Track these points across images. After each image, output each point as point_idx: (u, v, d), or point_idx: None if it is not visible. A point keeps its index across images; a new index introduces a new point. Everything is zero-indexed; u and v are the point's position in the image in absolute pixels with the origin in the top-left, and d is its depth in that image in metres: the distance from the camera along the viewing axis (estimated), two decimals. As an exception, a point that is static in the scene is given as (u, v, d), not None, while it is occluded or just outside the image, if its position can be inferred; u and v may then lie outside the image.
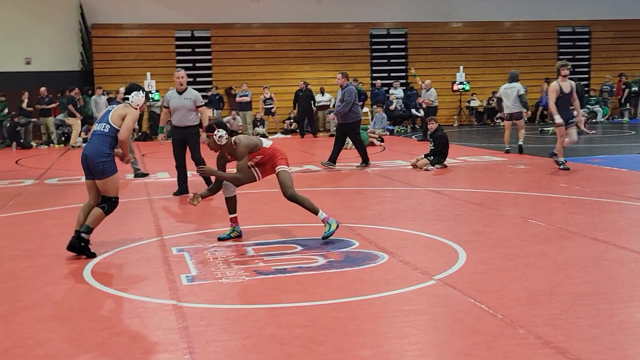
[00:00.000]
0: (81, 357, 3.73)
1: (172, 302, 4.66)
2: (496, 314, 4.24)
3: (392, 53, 24.75)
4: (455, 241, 6.23)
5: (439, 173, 11.41)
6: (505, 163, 12.34)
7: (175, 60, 22.69)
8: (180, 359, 3.68)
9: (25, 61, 22.01)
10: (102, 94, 19.35)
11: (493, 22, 25.23)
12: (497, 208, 7.95)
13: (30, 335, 4.10)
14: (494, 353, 3.67)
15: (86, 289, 5.07)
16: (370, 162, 12.36)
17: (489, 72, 24.83)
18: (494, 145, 15.61)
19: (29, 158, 16.14)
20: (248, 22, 23.49)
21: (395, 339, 3.93)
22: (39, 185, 11.15)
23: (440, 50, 24.69)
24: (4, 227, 7.65)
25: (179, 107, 9.41)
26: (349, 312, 4.40)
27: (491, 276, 5.16)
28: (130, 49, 22.58)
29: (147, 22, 22.73)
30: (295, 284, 5.06)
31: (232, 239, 6.54)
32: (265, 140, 6.69)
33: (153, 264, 5.76)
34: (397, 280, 5.08)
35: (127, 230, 7.21)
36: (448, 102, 24.04)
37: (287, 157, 6.65)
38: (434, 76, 22.80)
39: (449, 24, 25.12)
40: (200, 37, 23.19)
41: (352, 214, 7.79)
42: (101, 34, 22.41)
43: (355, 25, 24.31)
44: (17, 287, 5.16)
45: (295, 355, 3.70)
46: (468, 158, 13.25)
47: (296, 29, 23.79)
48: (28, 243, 6.73)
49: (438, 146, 12.00)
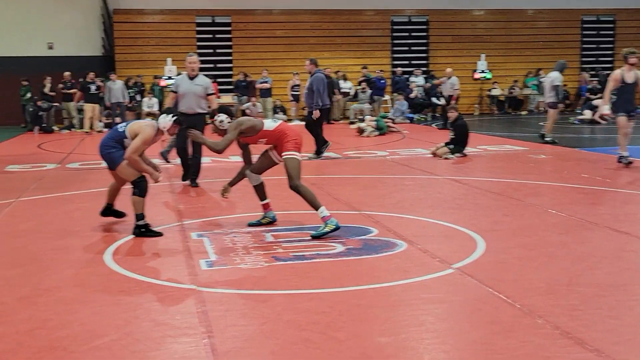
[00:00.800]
0: (102, 340, 3.78)
1: (192, 286, 4.70)
2: (514, 304, 4.23)
3: (413, 40, 24.61)
4: (474, 230, 6.21)
5: (459, 162, 11.36)
6: (526, 152, 12.25)
7: (195, 46, 22.72)
8: (199, 342, 3.72)
9: (48, 46, 22.20)
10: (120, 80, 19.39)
11: (516, 10, 24.96)
12: (518, 198, 7.91)
13: (53, 317, 4.16)
14: (512, 342, 3.67)
15: (107, 272, 5.13)
16: (323, 155, 11.94)
17: (511, 61, 24.60)
18: (515, 134, 15.51)
19: (50, 142, 16.29)
20: (269, 8, 23.46)
21: (413, 327, 3.94)
22: (60, 169, 11.26)
23: (462, 38, 24.49)
24: (26, 210, 7.74)
25: (189, 93, 9.00)
26: (367, 299, 4.42)
27: (510, 266, 5.14)
28: (152, 34, 22.66)
29: (168, 8, 22.79)
30: (313, 270, 5.08)
31: (262, 225, 6.47)
32: (268, 121, 6.26)
33: (173, 248, 5.81)
34: (415, 268, 5.08)
35: (147, 214, 7.22)
36: (469, 90, 23.86)
37: (298, 140, 6.18)
38: (455, 64, 22.66)
39: (471, 11, 24.90)
40: (221, 23, 23.20)
41: (371, 202, 7.79)
42: (123, 20, 22.51)
43: (376, 12, 24.18)
44: (39, 270, 5.23)
45: (313, 341, 3.72)
46: (488, 147, 13.18)
47: (317, 16, 23.71)
48: (50, 226, 6.81)
49: (458, 135, 11.94)
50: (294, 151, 6.11)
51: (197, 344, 3.71)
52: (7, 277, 5.04)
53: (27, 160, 12.48)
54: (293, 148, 6.11)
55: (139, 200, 6.16)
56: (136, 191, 6.15)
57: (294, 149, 6.12)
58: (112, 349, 3.66)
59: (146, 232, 6.18)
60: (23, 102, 20.38)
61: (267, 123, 6.21)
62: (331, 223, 5.94)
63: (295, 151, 6.12)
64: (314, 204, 6.04)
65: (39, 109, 19.28)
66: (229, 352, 3.59)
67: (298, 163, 6.11)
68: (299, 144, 6.18)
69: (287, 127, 6.27)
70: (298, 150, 6.15)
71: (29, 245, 6.03)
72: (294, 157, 6.10)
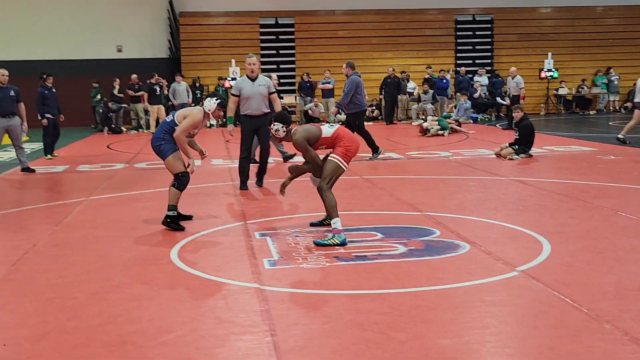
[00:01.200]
0: (169, 335, 3.88)
1: (255, 285, 4.77)
2: (581, 308, 4.13)
3: (477, 40, 24.28)
4: (539, 232, 6.09)
5: (524, 162, 11.15)
6: (594, 153, 11.94)
7: (259, 47, 23.03)
8: (262, 340, 3.77)
9: (117, 49, 22.89)
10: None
11: (584, 7, 24.34)
12: (585, 199, 7.71)
13: (122, 313, 4.29)
14: (578, 347, 3.59)
15: (173, 270, 5.25)
16: (381, 150, 11.87)
17: (578, 59, 24.02)
18: (583, 134, 15.12)
19: (119, 142, 16.76)
20: (331, 9, 23.55)
21: (476, 329, 3.90)
22: (128, 169, 11.58)
23: (528, 36, 24.04)
24: (96, 208, 8.00)
25: (254, 95, 8.83)
26: (429, 300, 4.40)
27: (577, 269, 5.03)
28: (216, 36, 23.06)
29: (232, 10, 23.15)
30: (375, 271, 5.09)
31: (324, 226, 6.44)
32: (325, 127, 6.18)
33: (237, 247, 5.91)
34: (478, 270, 5.03)
35: (212, 213, 7.40)
36: (535, 89, 23.40)
37: (352, 147, 6.08)
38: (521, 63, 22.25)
39: (537, 9, 24.40)
40: (284, 24, 23.41)
41: (433, 203, 7.73)
42: (188, 22, 22.98)
43: (439, 12, 23.96)
44: (109, 266, 5.40)
45: (374, 341, 3.73)
46: (555, 147, 12.89)
47: (379, 16, 23.66)
48: (119, 224, 7.02)
49: (523, 135, 11.72)
50: (340, 157, 6.01)
51: (260, 341, 3.76)
52: (78, 273, 5.22)
53: (97, 160, 12.89)
54: (340, 153, 6.03)
55: (176, 192, 6.60)
56: (175, 183, 6.59)
57: (341, 154, 6.02)
58: (178, 345, 3.75)
59: (171, 223, 6.57)
60: (93, 104, 21.07)
61: (324, 129, 6.14)
62: (338, 237, 5.78)
63: (341, 157, 6.02)
64: (331, 213, 5.89)
65: (109, 110, 19.86)
66: (291, 351, 3.63)
67: (337, 168, 6.01)
68: (350, 151, 6.07)
69: (344, 133, 6.19)
70: (344, 157, 6.03)
71: (99, 243, 6.23)
72: (336, 160, 6.01)
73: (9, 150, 13.80)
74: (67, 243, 6.24)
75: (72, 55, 22.40)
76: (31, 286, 4.92)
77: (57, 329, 4.04)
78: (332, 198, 5.93)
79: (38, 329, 4.03)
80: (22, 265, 5.48)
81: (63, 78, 18.58)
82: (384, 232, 6.29)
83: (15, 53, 21.95)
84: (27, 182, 10.44)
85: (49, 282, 5.00)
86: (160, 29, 23.17)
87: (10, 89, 11.20)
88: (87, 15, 22.58)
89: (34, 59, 21.85)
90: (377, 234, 6.22)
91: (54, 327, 4.06)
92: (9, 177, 11.01)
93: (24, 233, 6.75)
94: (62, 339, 3.87)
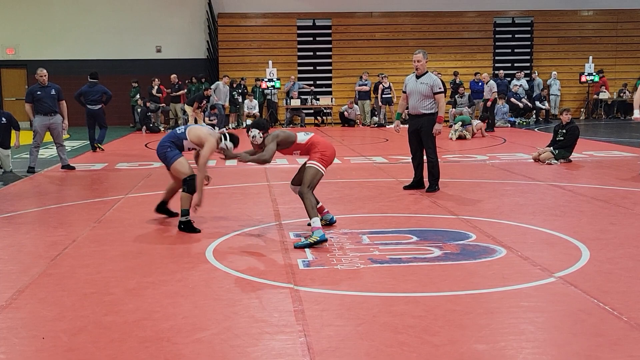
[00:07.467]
0: (203, 333, 3.90)
1: (289, 285, 4.78)
2: (621, 316, 4.05)
3: (516, 42, 24.00)
4: (578, 239, 6.00)
5: (563, 167, 10.99)
6: (635, 159, 11.70)
7: (296, 49, 23.11)
8: (295, 340, 3.78)
9: (156, 49, 23.18)
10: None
11: (627, 10, 23.90)
12: (626, 206, 7.56)
13: (158, 309, 4.34)
14: (617, 356, 3.52)
15: (208, 268, 5.29)
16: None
17: (620, 64, 23.60)
18: (624, 140, 14.84)
19: (157, 142, 16.90)
20: (369, 10, 23.51)
21: (511, 335, 3.84)
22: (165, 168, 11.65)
23: (568, 39, 23.70)
24: (134, 206, 8.10)
25: (414, 92, 8.65)
26: (464, 305, 4.35)
27: (617, 276, 4.93)
28: (254, 37, 23.20)
29: (270, 11, 23.26)
30: (410, 274, 5.06)
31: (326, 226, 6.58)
32: (300, 134, 6.42)
33: (271, 247, 5.93)
34: (515, 275, 4.96)
35: (247, 213, 7.44)
36: (575, 94, 23.06)
37: (327, 152, 6.30)
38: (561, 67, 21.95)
39: (579, 12, 24.03)
40: (322, 25, 23.44)
41: (469, 207, 7.66)
42: (227, 23, 23.17)
43: (478, 14, 23.76)
44: (146, 264, 5.46)
45: (408, 344, 3.70)
46: (595, 153, 12.67)
47: (417, 18, 23.55)
48: (156, 222, 7.10)
49: (568, 139, 11.54)
50: (318, 162, 6.25)
51: (293, 342, 3.77)
52: (116, 269, 5.30)
53: (135, 158, 13.06)
54: (317, 159, 6.26)
55: (187, 197, 6.67)
56: (185, 188, 6.67)
57: (318, 160, 6.26)
58: (213, 343, 3.77)
59: (185, 227, 6.59)
60: (132, 103, 21.37)
61: (299, 136, 6.40)
62: (317, 234, 5.88)
63: (319, 163, 6.25)
64: (310, 213, 6.05)
65: (147, 110, 20.11)
66: (324, 352, 3.62)
67: (316, 173, 6.22)
68: (326, 155, 6.31)
69: (318, 140, 6.42)
70: (322, 162, 6.27)
71: (136, 240, 6.31)
72: (315, 166, 6.24)
73: (50, 148, 14.07)
74: (105, 239, 6.33)
75: (112, 55, 22.78)
76: (70, 281, 5.00)
77: (94, 323, 4.10)
78: (312, 200, 6.17)
79: (76, 323, 4.09)
80: (62, 261, 5.58)
81: (103, 77, 18.85)
82: (419, 235, 6.25)
83: (56, 53, 22.42)
84: (67, 180, 10.64)
85: (88, 277, 5.08)
86: (198, 29, 23.41)
87: (51, 88, 11.44)
88: (127, 15, 22.93)
89: (75, 59, 22.29)
90: (412, 237, 6.19)
91: (91, 322, 4.12)
92: (49, 174, 11.23)
93: (64, 229, 6.87)
94: (98, 333, 3.93)
